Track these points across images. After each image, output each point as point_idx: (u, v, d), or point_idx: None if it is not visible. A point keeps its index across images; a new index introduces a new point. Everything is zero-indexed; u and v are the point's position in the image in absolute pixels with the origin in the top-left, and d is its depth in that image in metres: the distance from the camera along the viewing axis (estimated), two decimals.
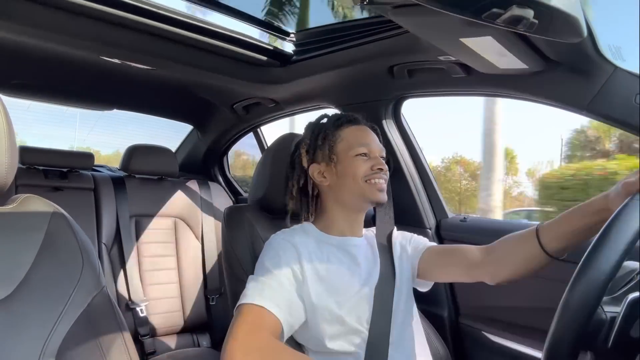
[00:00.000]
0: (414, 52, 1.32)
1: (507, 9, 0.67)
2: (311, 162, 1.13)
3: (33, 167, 1.97)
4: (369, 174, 1.07)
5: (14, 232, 0.82)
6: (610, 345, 0.61)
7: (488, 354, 1.49)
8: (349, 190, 1.09)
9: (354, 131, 1.13)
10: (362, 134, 1.13)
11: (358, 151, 1.09)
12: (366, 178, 1.07)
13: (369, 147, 1.10)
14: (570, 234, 0.88)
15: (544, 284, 1.30)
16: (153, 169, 2.20)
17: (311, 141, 1.14)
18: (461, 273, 1.06)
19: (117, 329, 0.86)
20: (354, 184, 1.08)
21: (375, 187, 1.07)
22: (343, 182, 1.09)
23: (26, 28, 1.28)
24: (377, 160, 1.09)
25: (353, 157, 1.08)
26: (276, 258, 1.00)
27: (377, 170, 1.08)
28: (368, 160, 1.09)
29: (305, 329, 1.02)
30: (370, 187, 1.07)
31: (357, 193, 1.08)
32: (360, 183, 1.07)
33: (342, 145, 1.11)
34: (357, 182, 1.07)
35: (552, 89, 1.19)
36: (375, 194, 1.07)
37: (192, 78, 1.86)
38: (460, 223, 1.60)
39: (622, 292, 0.68)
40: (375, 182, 1.07)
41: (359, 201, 1.10)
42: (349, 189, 1.08)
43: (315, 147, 1.13)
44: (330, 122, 1.16)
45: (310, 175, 1.13)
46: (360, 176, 1.07)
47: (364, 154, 1.09)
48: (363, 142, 1.10)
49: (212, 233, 2.24)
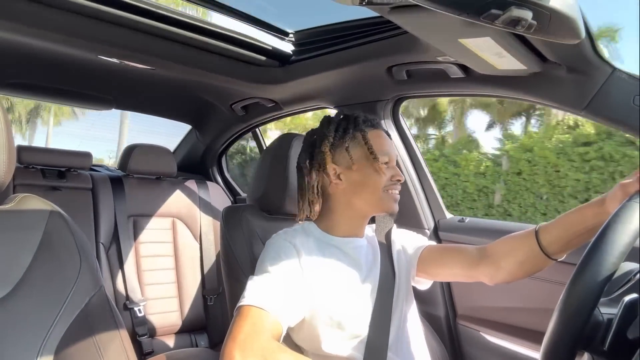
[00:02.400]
0: (413, 53, 1.32)
1: (505, 10, 0.68)
2: (331, 161, 1.08)
3: (31, 167, 1.97)
4: (388, 185, 1.05)
5: (12, 232, 0.82)
6: (607, 347, 0.61)
7: (485, 355, 1.49)
8: (365, 197, 1.06)
9: (377, 137, 1.08)
10: (384, 141, 1.09)
11: (383, 159, 1.06)
12: (386, 188, 1.05)
13: (390, 156, 1.08)
14: (569, 235, 0.88)
15: (541, 285, 1.30)
16: (151, 169, 2.19)
17: (335, 140, 1.08)
18: (460, 273, 1.06)
19: (115, 328, 0.86)
20: (372, 193, 1.05)
21: (392, 198, 1.06)
22: (362, 189, 1.06)
23: (25, 27, 1.28)
24: (396, 171, 1.07)
25: (377, 165, 1.05)
26: (277, 259, 0.99)
27: (396, 181, 1.06)
28: (388, 170, 1.06)
29: (303, 330, 1.02)
30: (388, 198, 1.06)
31: (374, 202, 1.06)
32: (379, 192, 1.05)
33: (364, 150, 1.06)
34: (377, 191, 1.05)
35: (550, 90, 1.19)
36: (391, 205, 1.06)
37: (190, 78, 1.86)
38: (458, 224, 1.61)
39: (619, 293, 0.68)
40: (392, 193, 1.06)
41: (372, 209, 1.08)
42: (366, 196, 1.06)
43: (337, 146, 1.08)
44: (357, 122, 1.10)
45: (327, 174, 1.08)
46: (381, 186, 1.05)
47: (386, 163, 1.07)
48: (386, 149, 1.07)
49: (210, 233, 2.24)
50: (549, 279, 1.30)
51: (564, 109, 1.20)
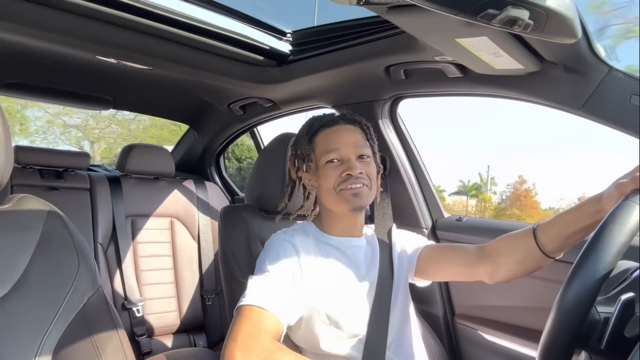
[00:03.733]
0: (410, 52, 1.32)
1: (502, 10, 0.68)
2: (299, 170, 1.12)
3: (29, 167, 1.96)
4: (340, 182, 1.02)
5: (10, 232, 0.82)
6: (604, 345, 0.61)
7: (483, 353, 1.49)
8: (326, 199, 1.07)
9: (325, 136, 1.07)
10: (331, 138, 1.06)
11: (327, 158, 1.04)
12: (339, 187, 1.02)
13: (338, 152, 1.04)
14: (566, 234, 0.89)
15: (538, 284, 1.31)
16: (149, 169, 2.19)
17: (296, 151, 1.12)
18: (459, 272, 1.06)
19: (113, 328, 0.86)
20: (329, 194, 1.05)
21: (349, 193, 1.02)
22: (321, 192, 1.07)
23: (23, 28, 1.28)
24: (348, 165, 1.03)
25: (323, 166, 1.04)
26: (276, 258, 0.99)
27: (347, 177, 1.02)
28: (339, 167, 1.03)
29: (301, 329, 1.02)
30: (344, 194, 1.02)
31: (335, 202, 1.05)
32: (334, 193, 1.03)
33: (315, 153, 1.07)
34: (331, 192, 1.04)
35: (547, 90, 1.20)
36: (350, 202, 1.02)
37: (189, 78, 1.86)
38: (455, 223, 1.61)
39: (616, 292, 0.69)
40: (350, 188, 1.02)
41: (340, 209, 1.06)
42: (326, 198, 1.07)
43: (296, 157, 1.12)
44: (304, 130, 1.11)
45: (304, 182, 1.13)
46: (332, 186, 1.03)
47: (333, 160, 1.04)
48: (331, 147, 1.04)
49: (208, 233, 2.24)
50: (546, 278, 1.30)
51: (561, 108, 1.20)
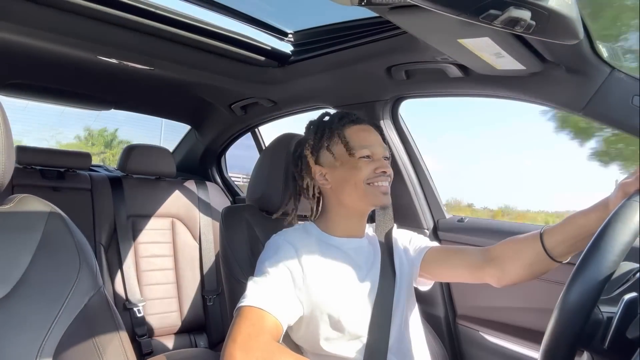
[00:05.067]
0: (412, 53, 1.32)
1: (504, 11, 0.68)
2: (314, 163, 1.11)
3: (30, 167, 1.97)
4: (371, 177, 1.04)
5: (11, 232, 0.82)
6: (607, 346, 0.61)
7: (485, 355, 1.49)
8: (351, 193, 1.06)
9: (357, 132, 1.09)
10: (365, 135, 1.09)
11: (361, 153, 1.05)
12: (369, 181, 1.04)
13: (372, 149, 1.06)
14: (574, 237, 0.88)
15: (540, 285, 1.30)
16: (150, 169, 2.19)
17: (314, 142, 1.11)
18: (464, 274, 1.06)
19: (115, 329, 0.86)
20: (356, 188, 1.05)
21: (378, 190, 1.05)
22: (345, 186, 1.06)
23: (24, 28, 1.28)
24: (380, 163, 1.06)
25: (356, 160, 1.05)
26: (276, 260, 0.99)
27: (381, 173, 1.05)
28: (371, 163, 1.05)
29: (302, 329, 1.02)
30: (373, 190, 1.05)
31: (360, 196, 1.05)
32: (362, 186, 1.04)
33: (345, 146, 1.07)
34: (360, 185, 1.04)
35: (549, 90, 1.19)
36: (378, 198, 1.05)
37: (190, 78, 1.86)
38: (457, 223, 1.61)
39: (619, 292, 0.68)
40: (378, 185, 1.05)
41: (361, 204, 1.07)
42: (351, 192, 1.06)
43: (319, 148, 1.10)
44: (333, 121, 1.12)
45: (313, 177, 1.11)
46: (363, 180, 1.04)
47: (367, 156, 1.06)
48: (366, 143, 1.07)
49: (209, 233, 2.24)
50: (548, 279, 1.30)
51: (563, 109, 1.20)
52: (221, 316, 2.15)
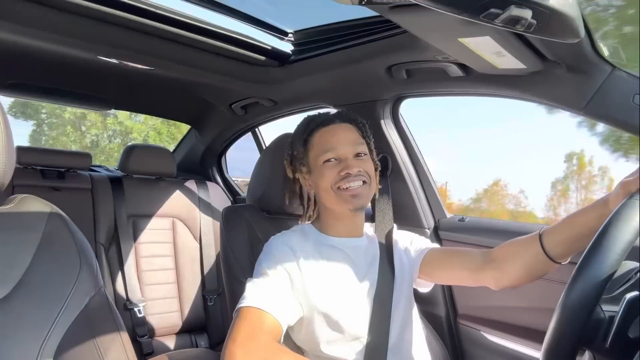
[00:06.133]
0: (413, 52, 1.31)
1: (505, 9, 0.67)
2: (296, 171, 1.11)
3: (30, 167, 1.97)
4: (337, 181, 1.01)
5: (11, 233, 0.82)
6: (609, 345, 0.61)
7: (486, 354, 1.49)
8: (324, 198, 1.06)
9: (321, 135, 1.06)
10: (327, 137, 1.05)
11: (324, 158, 1.03)
12: (337, 185, 1.01)
13: (336, 151, 1.03)
14: (573, 238, 0.87)
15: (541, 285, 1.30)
16: (151, 169, 2.19)
17: (290, 153, 1.12)
18: (464, 276, 1.05)
19: (115, 329, 0.86)
20: (326, 193, 1.04)
21: (347, 194, 1.01)
22: (320, 192, 1.06)
23: (24, 28, 1.28)
24: (345, 164, 1.02)
25: (320, 166, 1.03)
26: (274, 261, 0.99)
27: (345, 175, 1.01)
28: (336, 166, 1.02)
29: (302, 331, 1.02)
30: (342, 194, 1.01)
31: (331, 202, 1.04)
32: (332, 192, 1.02)
33: (312, 153, 1.06)
34: (329, 191, 1.03)
35: (550, 89, 1.19)
36: (347, 202, 1.01)
37: (190, 78, 1.86)
38: (458, 223, 1.60)
39: (621, 291, 0.68)
40: (347, 188, 1.01)
41: (339, 208, 1.05)
42: (324, 197, 1.06)
43: (292, 158, 1.11)
44: (300, 130, 1.11)
45: (301, 182, 1.12)
46: (329, 185, 1.02)
47: (331, 159, 1.03)
48: (328, 146, 1.04)
49: (210, 233, 2.24)
50: (549, 278, 1.29)
51: (563, 108, 1.19)
52: (222, 316, 2.15)
